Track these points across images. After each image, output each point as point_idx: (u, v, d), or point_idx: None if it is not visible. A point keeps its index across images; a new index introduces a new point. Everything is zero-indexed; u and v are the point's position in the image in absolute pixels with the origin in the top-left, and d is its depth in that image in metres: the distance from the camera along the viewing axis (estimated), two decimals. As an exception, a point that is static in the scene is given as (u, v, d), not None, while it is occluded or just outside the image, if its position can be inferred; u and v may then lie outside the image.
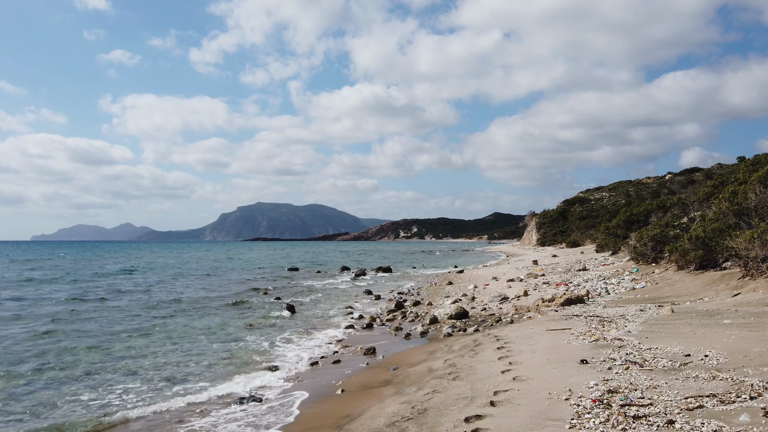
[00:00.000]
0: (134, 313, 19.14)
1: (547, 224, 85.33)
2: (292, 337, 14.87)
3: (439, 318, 16.57)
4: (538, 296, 18.18)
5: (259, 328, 16.38)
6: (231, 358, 12.16)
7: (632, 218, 37.88)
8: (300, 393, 9.11)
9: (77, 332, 15.37)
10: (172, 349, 13.28)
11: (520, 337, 9.98)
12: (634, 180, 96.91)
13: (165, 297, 24.57)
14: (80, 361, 11.94)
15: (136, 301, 22.77)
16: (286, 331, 15.82)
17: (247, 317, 18.41)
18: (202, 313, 19.24)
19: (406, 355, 11.35)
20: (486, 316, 16.14)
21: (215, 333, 15.49)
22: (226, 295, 25.39)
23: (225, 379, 10.40)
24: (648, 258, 22.86)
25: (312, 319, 18.15)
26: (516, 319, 14.35)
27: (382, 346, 13.05)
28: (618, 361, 7.17)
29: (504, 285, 23.43)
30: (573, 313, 12.88)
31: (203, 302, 22.54)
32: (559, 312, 13.35)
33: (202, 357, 12.33)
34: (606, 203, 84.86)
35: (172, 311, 19.73)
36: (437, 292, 24.82)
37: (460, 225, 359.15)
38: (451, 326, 14.48)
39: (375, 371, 10.06)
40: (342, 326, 16.54)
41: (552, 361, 7.52)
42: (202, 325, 16.70)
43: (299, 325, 16.72)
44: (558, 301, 14.46)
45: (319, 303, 22.52)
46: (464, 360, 8.75)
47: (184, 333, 15.56)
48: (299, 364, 11.59)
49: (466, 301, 20.01)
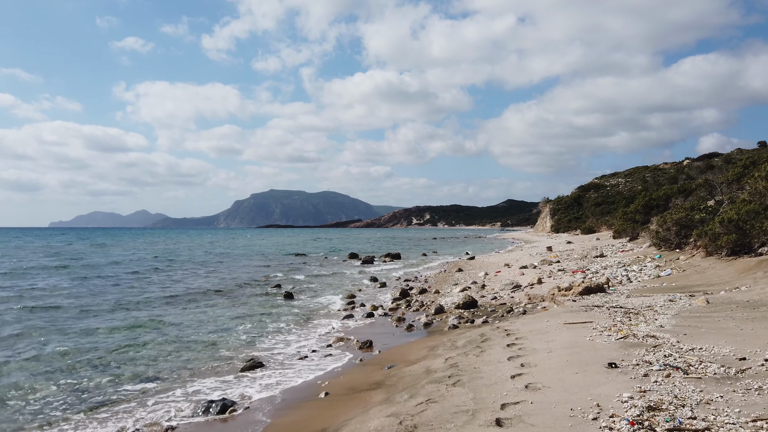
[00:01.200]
0: (126, 301, 18.07)
1: (561, 211, 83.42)
2: (285, 327, 13.68)
3: (446, 307, 15.30)
4: (554, 284, 16.82)
5: (252, 317, 15.22)
6: (213, 352, 10.99)
7: (651, 203, 36.24)
8: (279, 395, 7.91)
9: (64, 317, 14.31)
10: (153, 339, 12.15)
11: (534, 332, 8.67)
12: (651, 166, 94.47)
13: (163, 284, 23.54)
14: (66, 349, 10.84)
15: (133, 289, 21.73)
16: (280, 321, 14.64)
17: (242, 306, 17.27)
18: (196, 302, 18.14)
19: (404, 350, 10.09)
20: (496, 305, 14.83)
21: (204, 323, 14.34)
22: (226, 282, 24.30)
23: (198, 377, 9.22)
24: (671, 244, 21.35)
25: (310, 308, 16.97)
26: (529, 310, 13.02)
27: (380, 339, 11.82)
28: (655, 366, 5.84)
29: (516, 272, 22.08)
30: (593, 303, 11.53)
31: (200, 290, 21.44)
32: (578, 302, 12.00)
33: (182, 350, 11.17)
34: (622, 189, 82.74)
35: (166, 299, 18.64)
36: (445, 280, 23.51)
37: (473, 212, 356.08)
38: (458, 317, 13.20)
39: (367, 369, 8.82)
40: (341, 316, 15.33)
41: (573, 364, 6.22)
42: (193, 315, 15.58)
43: (295, 315, 15.54)
44: (576, 289, 13.10)
45: (321, 291, 21.33)
46: (468, 359, 7.47)
47: (173, 322, 14.46)
48: (287, 359, 10.39)
49: (476, 290, 18.70)
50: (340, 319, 14.96)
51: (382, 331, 12.89)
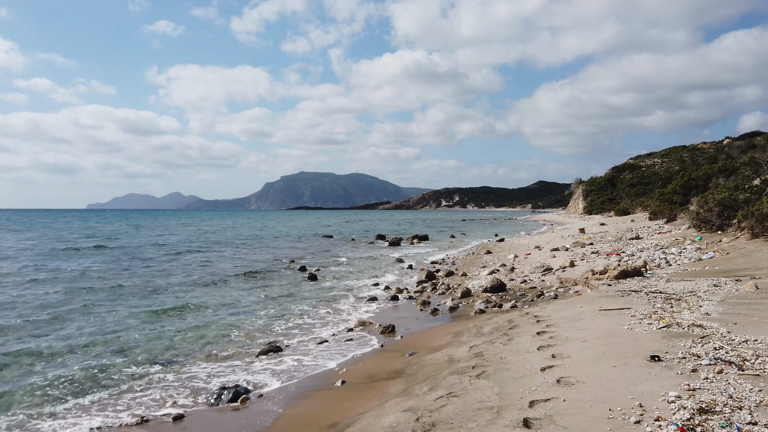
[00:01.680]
0: (152, 284, 18.01)
1: (594, 192, 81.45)
2: (306, 310, 13.33)
3: (473, 291, 14.75)
4: (587, 267, 16.10)
5: (274, 300, 14.93)
6: (231, 336, 10.69)
7: (690, 183, 34.88)
8: (294, 383, 7.52)
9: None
10: (173, 322, 11.94)
11: (567, 319, 8.08)
12: (689, 145, 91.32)
13: (189, 266, 23.52)
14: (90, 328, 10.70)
15: (158, 271, 21.73)
16: (302, 303, 14.32)
17: (266, 288, 17.01)
18: (220, 284, 17.96)
19: (428, 336, 9.61)
20: (526, 289, 14.22)
21: (225, 306, 14.10)
22: (251, 264, 24.14)
23: (214, 361, 8.91)
24: (713, 225, 20.30)
25: (333, 290, 16.60)
26: (561, 294, 12.38)
27: (403, 323, 11.37)
28: (704, 360, 5.22)
29: (547, 255, 21.34)
30: (630, 288, 10.84)
31: (225, 272, 21.32)
32: (613, 287, 11.32)
33: (200, 333, 10.91)
34: (658, 170, 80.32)
35: (190, 282, 18.52)
36: (473, 262, 22.90)
37: (503, 194, 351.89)
38: (485, 301, 12.64)
39: (388, 356, 8.37)
40: (365, 299, 14.94)
41: (610, 356, 5.63)
42: (216, 297, 15.37)
43: (318, 297, 15.20)
44: (611, 273, 12.38)
45: (346, 273, 20.96)
46: (494, 348, 6.94)
47: (195, 304, 14.27)
48: (305, 343, 10.02)
49: (505, 272, 18.08)
50: (364, 302, 14.57)
51: (405, 315, 12.43)
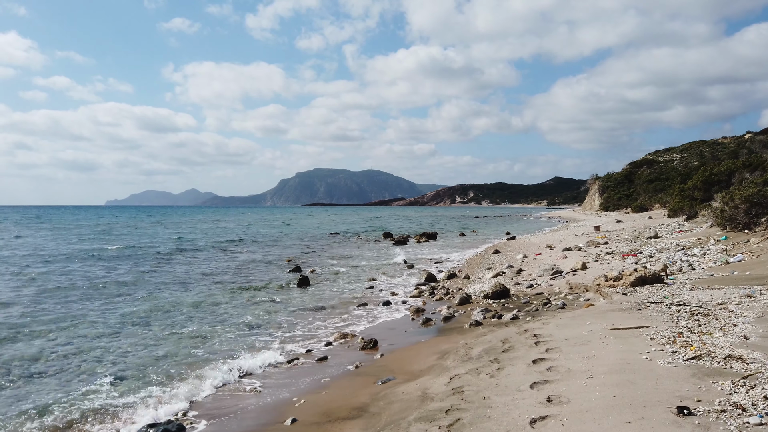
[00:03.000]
0: (128, 285, 16.89)
1: (611, 188, 79.27)
2: (287, 318, 12.06)
3: (473, 297, 13.39)
4: (600, 270, 14.63)
5: (257, 304, 13.69)
6: (195, 349, 9.45)
7: (712, 179, 33.04)
8: (234, 419, 6.24)
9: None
10: (136, 331, 10.74)
11: (571, 341, 6.69)
12: (709, 140, 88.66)
13: (179, 267, 22.41)
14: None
15: (143, 273, 20.65)
16: (286, 309, 13.07)
17: (251, 291, 15.77)
18: (207, 285, 16.80)
19: (411, 355, 8.28)
20: (531, 296, 12.80)
21: (204, 309, 12.93)
22: (246, 264, 22.95)
23: (159, 385, 7.65)
24: (739, 224, 18.67)
25: (323, 294, 15.33)
26: (569, 303, 10.97)
27: (389, 336, 10.05)
28: (753, 416, 3.83)
29: (558, 255, 19.86)
30: (648, 298, 9.40)
31: (215, 272, 20.18)
32: (629, 296, 9.88)
33: (161, 345, 9.70)
34: (677, 165, 77.95)
35: (172, 284, 17.38)
36: (479, 263, 21.49)
37: (519, 190, 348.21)
38: (484, 310, 11.26)
39: (358, 383, 7.06)
40: (355, 304, 13.67)
41: (623, 404, 4.26)
42: (196, 299, 14.21)
43: (304, 303, 13.93)
44: (627, 279, 10.93)
45: (342, 274, 19.67)
46: (479, 381, 5.58)
47: (169, 308, 13.12)
48: (272, 362, 8.73)
49: (511, 275, 16.67)
50: (353, 307, 13.29)
51: (394, 325, 11.12)
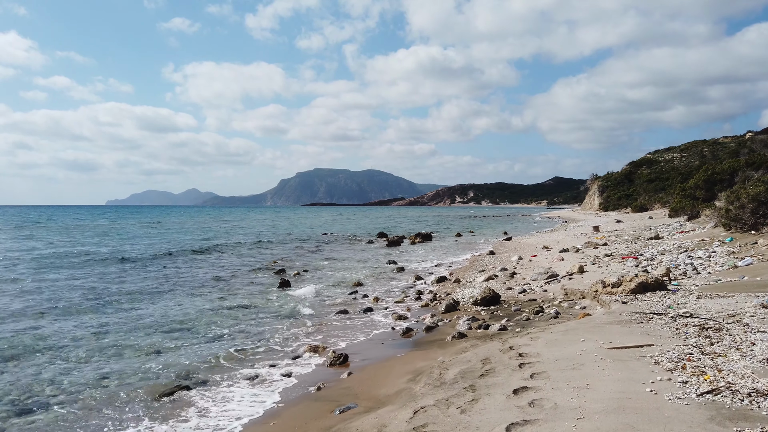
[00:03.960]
0: (98, 293, 15.92)
1: (610, 187, 78.32)
2: (258, 328, 11.06)
3: (461, 303, 12.41)
4: (598, 274, 13.66)
5: (230, 309, 12.71)
6: (146, 364, 8.48)
7: (714, 177, 32.04)
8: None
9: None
10: (86, 344, 9.76)
11: (561, 363, 5.71)
12: (710, 140, 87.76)
13: (160, 270, 21.43)
14: None
15: (123, 280, 19.68)
16: (258, 317, 12.12)
17: (227, 297, 14.78)
18: (184, 289, 15.82)
19: (381, 375, 7.30)
20: (523, 302, 11.83)
21: (171, 317, 11.90)
22: (227, 268, 21.97)
23: (97, 410, 6.67)
24: (745, 224, 17.70)
25: (302, 300, 14.35)
26: (563, 312, 9.99)
27: (362, 349, 9.09)
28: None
29: (555, 257, 18.88)
30: (651, 308, 8.42)
31: (193, 277, 19.20)
32: (629, 305, 8.89)
33: (110, 361, 8.73)
34: (677, 165, 77.04)
35: (151, 287, 16.43)
36: (472, 265, 20.51)
37: (519, 190, 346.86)
38: (471, 319, 10.28)
39: (313, 411, 6.08)
40: (334, 311, 12.69)
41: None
42: (166, 305, 13.20)
43: (280, 310, 12.95)
44: (626, 286, 9.94)
45: (327, 277, 18.69)
46: (447, 418, 4.59)
47: (134, 316, 12.14)
48: (228, 379, 7.75)
49: (503, 279, 15.70)
50: (332, 314, 12.32)
51: (371, 336, 10.14)
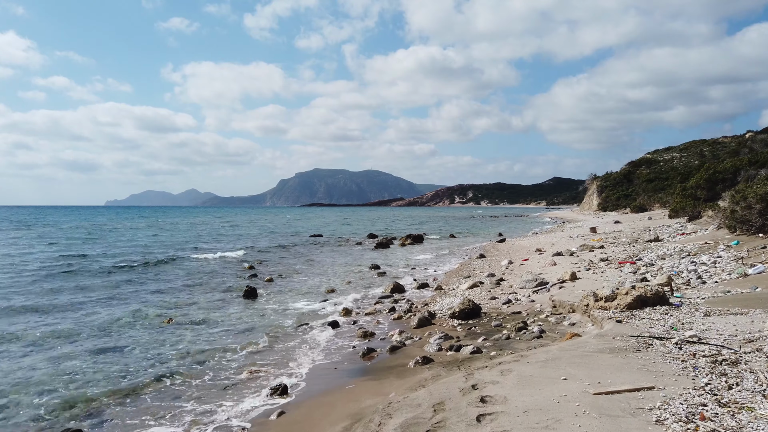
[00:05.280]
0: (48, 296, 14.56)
1: (609, 188, 76.92)
2: (201, 347, 9.65)
3: (438, 315, 11.07)
4: (592, 282, 12.28)
5: (180, 326, 11.31)
6: (38, 397, 7.12)
7: (716, 177, 30.73)
8: None
9: None
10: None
11: (533, 416, 4.32)
12: (710, 139, 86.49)
13: (117, 276, 20.03)
14: None
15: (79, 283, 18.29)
16: (208, 332, 10.76)
17: (186, 308, 13.42)
18: (133, 302, 14.43)
19: (316, 416, 5.93)
20: (506, 315, 10.47)
21: (90, 341, 10.25)
22: (199, 272, 20.59)
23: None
24: (752, 226, 16.34)
25: (266, 309, 12.99)
26: (549, 329, 8.62)
27: (310, 377, 7.72)
28: None
29: (547, 262, 17.48)
30: (650, 329, 7.04)
31: (162, 283, 17.83)
32: (624, 324, 7.50)
33: (13, 385, 7.37)
34: (677, 164, 75.69)
35: (106, 295, 15.08)
36: (459, 270, 19.14)
37: (518, 190, 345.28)
38: (443, 338, 8.91)
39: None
40: (296, 324, 11.31)
41: None
42: (97, 324, 11.65)
43: (236, 323, 11.57)
44: (622, 300, 8.55)
45: (301, 283, 17.31)
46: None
47: (70, 330, 10.77)
48: (137, 424, 6.39)
49: (489, 286, 14.33)
50: (292, 328, 10.95)
51: (327, 357, 8.76)
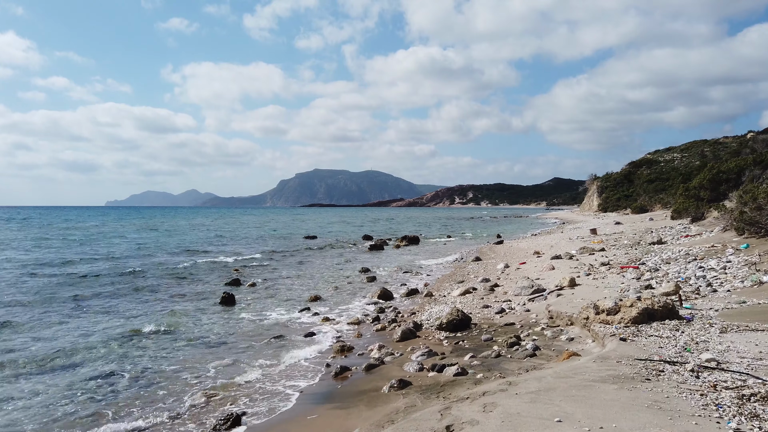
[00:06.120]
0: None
1: (609, 188, 75.96)
2: (153, 367, 8.71)
3: (424, 326, 10.16)
4: (592, 289, 11.34)
5: (134, 339, 10.33)
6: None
7: (720, 177, 29.76)
8: None
9: None
10: None
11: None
12: (711, 140, 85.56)
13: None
14: None
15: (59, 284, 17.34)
16: (169, 347, 9.80)
17: (155, 315, 12.51)
18: (98, 309, 13.51)
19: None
20: (498, 327, 9.53)
21: (33, 357, 9.25)
22: (181, 276, 19.64)
23: None
24: (761, 228, 15.42)
25: (243, 320, 12.06)
26: (545, 344, 7.68)
27: (270, 404, 6.78)
28: None
29: (545, 265, 16.53)
30: (660, 350, 6.11)
31: (141, 287, 16.89)
32: (629, 343, 6.56)
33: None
34: (678, 165, 74.74)
35: (78, 297, 14.16)
36: (453, 274, 18.20)
37: (518, 190, 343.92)
38: (426, 354, 7.99)
39: None
40: (270, 335, 10.38)
41: None
42: (48, 335, 10.70)
43: (206, 334, 10.63)
44: (626, 313, 7.61)
45: (284, 288, 16.36)
46: None
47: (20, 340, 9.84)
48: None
49: (482, 292, 13.40)
50: (264, 341, 10.02)
51: (296, 375, 7.84)
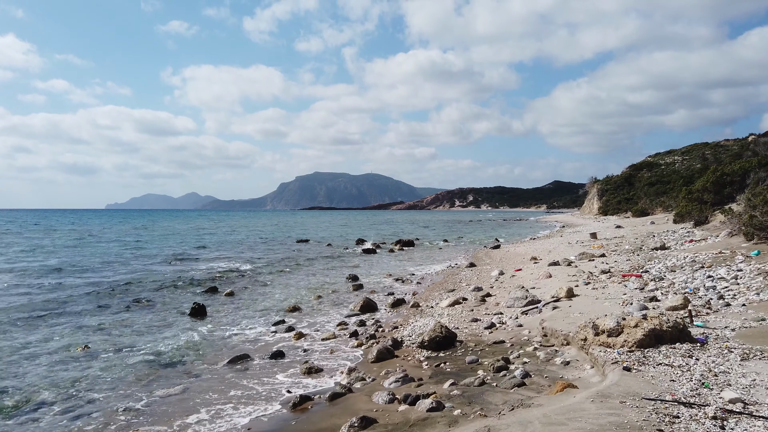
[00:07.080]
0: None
1: (610, 191, 74.95)
2: (90, 395, 7.66)
3: (405, 344, 9.12)
4: (591, 300, 10.29)
5: (81, 358, 9.29)
6: None
7: (724, 179, 28.80)
8: None
9: None
10: None
11: None
12: (711, 143, 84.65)
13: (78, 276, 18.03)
14: None
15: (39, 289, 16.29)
16: (118, 365, 8.76)
17: (115, 328, 11.47)
18: (70, 314, 12.48)
19: None
20: (486, 345, 8.49)
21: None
22: (156, 282, 18.58)
23: None
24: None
25: (211, 332, 11.02)
26: (536, 369, 6.65)
27: (212, 442, 5.74)
28: None
29: (542, 273, 15.48)
30: (673, 384, 5.07)
31: (116, 295, 15.83)
32: (634, 374, 5.51)
33: None
34: (679, 168, 73.76)
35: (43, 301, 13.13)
36: (444, 282, 17.15)
37: (518, 193, 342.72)
38: (401, 380, 6.96)
39: None
40: (231, 354, 9.33)
41: None
42: (16, 340, 9.84)
43: (161, 355, 9.57)
44: (631, 335, 6.56)
45: (263, 297, 15.32)
46: None
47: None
48: None
49: (473, 303, 12.36)
50: (224, 363, 8.96)
51: (243, 411, 6.78)
